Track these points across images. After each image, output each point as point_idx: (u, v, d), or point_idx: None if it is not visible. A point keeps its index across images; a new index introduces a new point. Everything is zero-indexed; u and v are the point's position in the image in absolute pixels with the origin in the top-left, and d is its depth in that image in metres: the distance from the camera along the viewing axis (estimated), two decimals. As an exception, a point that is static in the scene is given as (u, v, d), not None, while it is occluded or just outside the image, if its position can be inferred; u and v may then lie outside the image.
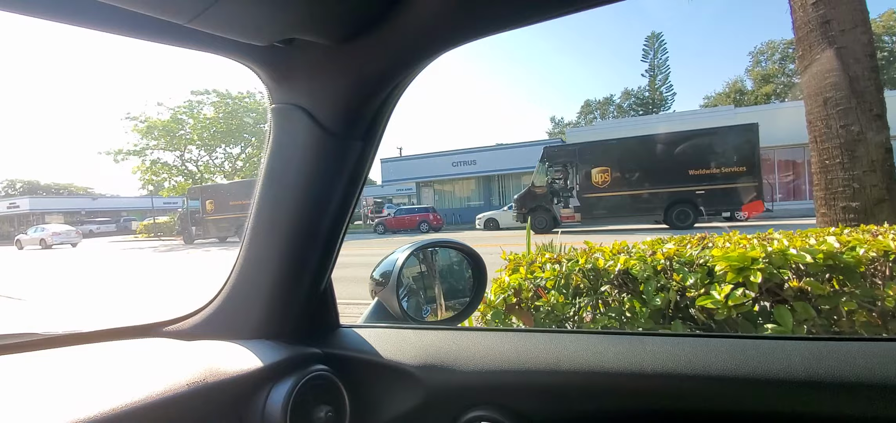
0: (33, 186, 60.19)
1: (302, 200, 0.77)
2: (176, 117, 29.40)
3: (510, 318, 2.19)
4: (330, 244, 0.83)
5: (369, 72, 0.68)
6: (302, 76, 0.71)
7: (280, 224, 0.79)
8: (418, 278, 1.34)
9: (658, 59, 42.70)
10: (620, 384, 0.68)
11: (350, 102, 0.71)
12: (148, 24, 0.56)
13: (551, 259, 2.24)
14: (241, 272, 0.84)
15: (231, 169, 32.01)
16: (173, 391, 0.62)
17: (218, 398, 0.66)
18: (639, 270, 1.81)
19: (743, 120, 22.27)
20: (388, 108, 0.75)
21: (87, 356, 0.76)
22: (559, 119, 59.57)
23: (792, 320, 1.56)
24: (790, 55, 41.31)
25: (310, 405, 0.72)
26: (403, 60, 0.68)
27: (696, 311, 1.75)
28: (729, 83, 47.06)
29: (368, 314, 1.05)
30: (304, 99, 0.72)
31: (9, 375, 0.67)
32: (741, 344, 0.66)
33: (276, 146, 0.77)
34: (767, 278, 1.58)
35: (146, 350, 0.79)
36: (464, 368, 0.77)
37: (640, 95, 46.60)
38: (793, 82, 40.81)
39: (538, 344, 0.76)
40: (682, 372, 0.65)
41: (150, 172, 31.06)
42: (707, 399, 0.64)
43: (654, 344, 0.70)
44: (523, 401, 0.74)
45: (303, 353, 0.79)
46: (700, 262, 1.72)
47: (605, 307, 2.01)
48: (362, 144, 0.77)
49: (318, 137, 0.73)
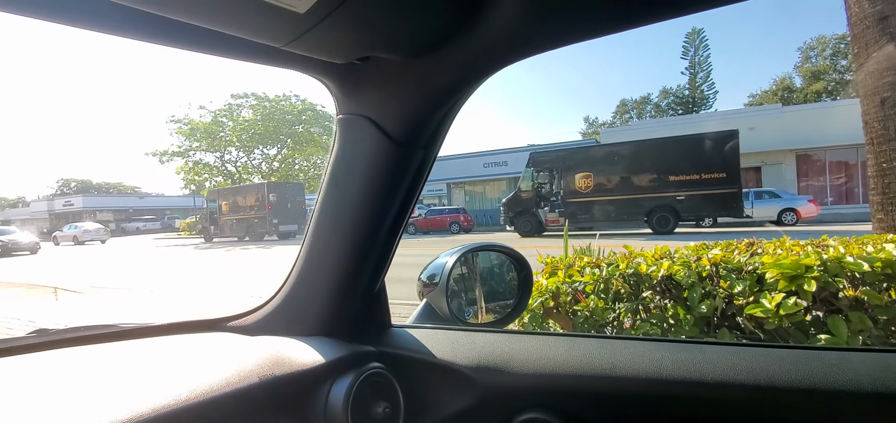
0: (86, 185, 63.88)
1: (364, 204, 0.80)
2: (216, 120, 30.61)
3: (548, 322, 2.19)
4: (387, 247, 0.87)
5: (437, 85, 0.71)
6: (371, 89, 0.74)
7: (342, 227, 0.83)
8: (459, 280, 1.37)
9: (699, 56, 41.13)
10: (680, 392, 0.68)
11: (416, 113, 0.75)
12: (245, 47, 0.61)
13: (590, 263, 2.22)
14: (302, 272, 0.89)
15: (268, 169, 33.02)
16: (246, 382, 0.67)
17: (285, 391, 0.70)
18: (683, 275, 1.77)
19: (791, 119, 21.42)
20: (450, 117, 0.78)
21: (162, 348, 0.82)
22: (593, 119, 58.35)
23: (847, 331, 1.50)
24: (842, 51, 39.04)
25: (368, 401, 0.76)
26: (471, 73, 0.70)
27: (743, 319, 1.70)
28: (776, 80, 44.90)
29: (417, 315, 1.09)
30: (371, 110, 0.75)
31: (91, 364, 0.73)
32: (804, 355, 0.65)
33: (340, 153, 0.81)
34: (822, 286, 1.52)
35: (215, 344, 0.84)
36: (517, 370, 0.78)
37: (680, 94, 45.00)
38: (845, 79, 38.53)
39: (593, 349, 0.77)
40: (743, 382, 0.65)
41: (193, 173, 32.43)
42: (769, 411, 0.64)
43: (714, 353, 0.70)
44: (578, 405, 0.75)
45: (360, 351, 0.83)
46: (749, 269, 1.67)
47: (646, 313, 1.98)
48: (424, 152, 0.80)
49: (384, 146, 0.76)
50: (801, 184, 21.65)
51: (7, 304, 7.44)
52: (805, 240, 1.93)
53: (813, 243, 1.83)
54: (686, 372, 0.69)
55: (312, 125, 30.30)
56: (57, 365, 0.72)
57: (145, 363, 0.74)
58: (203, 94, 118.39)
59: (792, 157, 21.70)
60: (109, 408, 0.54)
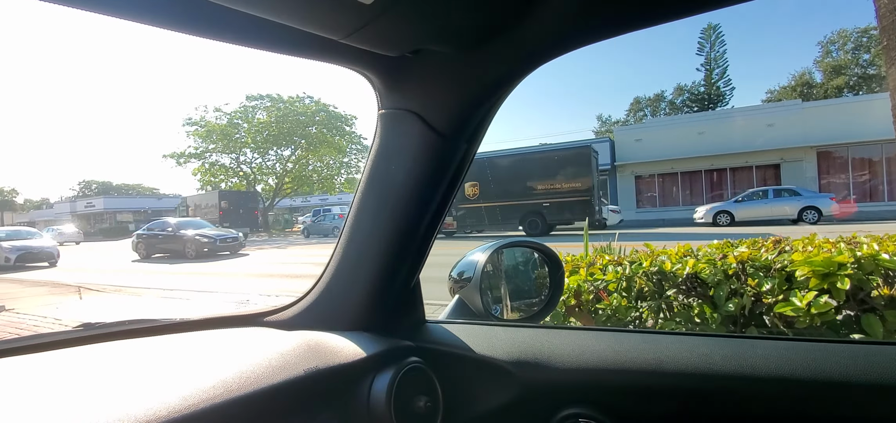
0: (107, 187, 65.29)
1: (405, 199, 0.80)
2: (232, 122, 31.01)
3: (569, 320, 2.18)
4: (425, 241, 0.87)
5: (485, 78, 0.71)
6: (417, 82, 0.74)
7: (382, 223, 0.83)
8: (484, 278, 1.37)
9: (715, 52, 40.40)
10: (733, 387, 0.67)
11: (462, 105, 0.74)
12: (301, 40, 0.61)
13: (612, 261, 2.20)
14: (339, 268, 0.89)
15: (282, 170, 33.34)
16: (290, 376, 0.67)
17: (328, 383, 0.71)
18: (709, 274, 1.75)
19: (811, 115, 20.98)
20: (494, 110, 0.78)
21: (204, 342, 0.83)
22: (607, 117, 57.71)
23: (882, 330, 1.46)
24: (864, 45, 38.02)
25: (409, 395, 0.76)
26: (519, 66, 0.70)
27: (771, 318, 1.67)
28: (795, 76, 43.88)
29: (450, 311, 1.09)
30: (415, 103, 0.75)
31: (138, 357, 0.75)
32: (864, 350, 0.63)
33: (382, 149, 0.80)
34: (856, 284, 1.49)
35: (256, 338, 0.85)
36: (559, 365, 0.78)
37: (695, 91, 44.24)
38: (868, 74, 37.52)
39: (637, 344, 0.76)
40: (800, 377, 0.63)
41: (209, 174, 32.90)
42: (830, 405, 0.62)
43: (766, 348, 0.68)
44: (623, 401, 0.74)
45: (399, 345, 0.83)
46: (778, 266, 1.64)
47: (669, 312, 1.95)
48: (467, 145, 0.79)
49: (428, 139, 0.76)
50: (823, 181, 21.16)
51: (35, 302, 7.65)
52: (834, 238, 1.89)
53: (844, 240, 1.79)
54: (737, 367, 0.67)
55: (325, 126, 30.54)
56: (104, 358, 0.74)
57: (188, 357, 0.75)
58: (219, 96, 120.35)
59: (813, 154, 21.22)
60: (162, 399, 0.56)
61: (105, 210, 46.06)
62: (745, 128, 22.02)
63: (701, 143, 22.82)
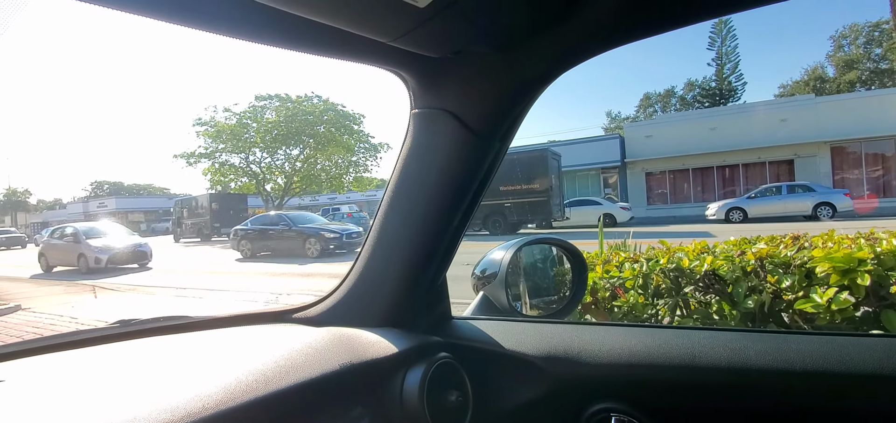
0: (118, 187, 66.09)
1: (437, 197, 0.81)
2: (241, 122, 31.18)
3: (585, 317, 2.18)
4: (454, 239, 0.88)
5: (522, 77, 0.71)
6: (454, 82, 0.74)
7: (413, 221, 0.84)
8: (508, 275, 1.38)
9: (726, 47, 39.86)
10: (767, 382, 0.67)
11: (497, 104, 0.75)
12: (348, 42, 0.61)
13: (628, 258, 2.20)
14: (368, 265, 0.91)
15: (291, 169, 33.48)
16: (323, 371, 0.69)
17: (363, 378, 0.73)
18: (727, 270, 1.75)
19: (824, 110, 20.70)
20: (528, 108, 0.78)
21: (237, 338, 0.85)
22: (616, 114, 57.24)
23: (903, 327, 1.46)
24: (876, 39, 37.34)
25: (440, 390, 0.78)
26: (555, 65, 0.70)
27: (790, 315, 1.67)
28: (808, 70, 43.22)
29: (475, 308, 1.11)
30: (452, 103, 0.76)
31: (174, 352, 0.77)
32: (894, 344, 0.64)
33: (415, 148, 0.81)
34: (876, 280, 1.48)
35: (288, 334, 0.87)
36: (590, 360, 0.79)
37: (706, 86, 43.70)
38: (880, 68, 36.87)
39: (668, 339, 0.77)
40: (835, 371, 0.64)
41: (219, 174, 33.12)
42: (864, 399, 0.63)
43: (800, 343, 0.69)
44: (656, 396, 0.75)
45: (429, 341, 0.85)
46: (797, 263, 1.64)
47: (686, 309, 1.95)
48: (500, 143, 0.80)
49: (463, 138, 0.76)
50: (837, 177, 20.86)
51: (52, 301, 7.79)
52: (852, 234, 1.88)
53: (863, 235, 1.78)
54: (772, 361, 0.68)
55: (334, 125, 30.59)
56: (141, 355, 0.77)
57: (222, 353, 0.77)
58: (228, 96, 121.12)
59: (826, 149, 20.93)
60: (203, 392, 0.57)
61: (117, 210, 46.67)
62: (757, 123, 21.76)
63: (712, 139, 22.59)
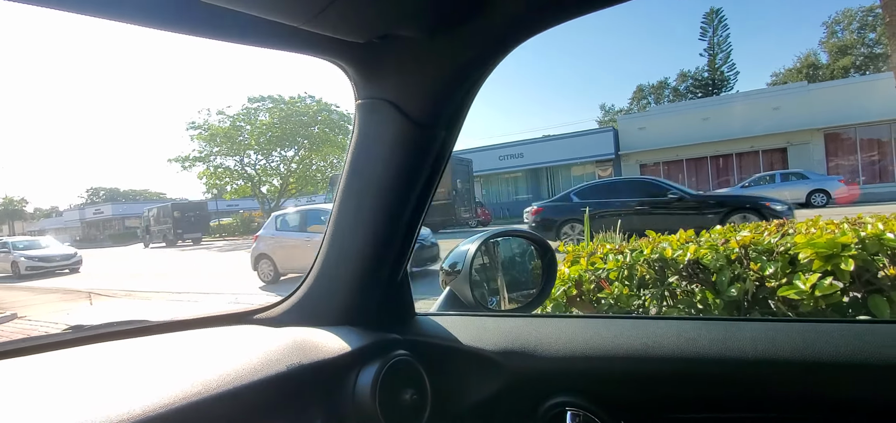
0: (114, 194, 65.85)
1: (386, 191, 0.79)
2: (235, 124, 31.11)
3: (571, 310, 2.16)
4: (409, 234, 0.86)
5: (459, 60, 0.69)
6: (391, 70, 0.72)
7: (364, 216, 0.82)
8: (481, 270, 1.35)
9: (718, 37, 39.88)
10: (717, 371, 0.65)
11: (437, 92, 0.73)
12: (261, 28, 0.58)
13: (613, 250, 2.18)
14: (325, 262, 0.88)
15: (286, 171, 33.44)
16: (274, 370, 0.67)
17: (312, 379, 0.71)
18: (711, 259, 1.72)
19: (818, 97, 20.81)
20: (472, 95, 0.76)
21: (191, 341, 0.83)
22: (610, 106, 57.27)
23: (889, 311, 1.43)
24: (870, 24, 37.47)
25: (395, 388, 0.75)
26: (494, 47, 0.68)
27: (775, 302, 1.65)
28: (800, 57, 43.32)
29: (441, 303, 1.08)
30: (391, 92, 0.73)
31: (124, 358, 0.74)
32: (855, 329, 0.62)
33: (361, 140, 0.79)
34: (860, 265, 1.46)
35: (243, 336, 0.84)
36: (546, 354, 0.77)
37: (699, 76, 43.73)
38: (874, 53, 36.99)
39: (623, 331, 0.75)
40: (787, 358, 0.62)
41: (214, 177, 33.06)
42: (818, 386, 0.61)
43: (754, 330, 0.67)
44: (610, 388, 0.73)
45: (385, 339, 0.82)
46: (780, 249, 1.62)
47: (672, 299, 1.93)
48: (445, 133, 0.78)
49: (405, 129, 0.74)
50: (831, 164, 20.92)
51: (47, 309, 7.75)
52: (838, 219, 1.85)
53: (849, 220, 1.75)
54: (724, 350, 0.66)
55: (328, 126, 30.63)
56: (92, 360, 0.74)
57: (176, 355, 0.75)
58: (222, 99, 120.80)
59: (820, 136, 20.98)
60: (140, 398, 0.55)
61: (113, 216, 46.55)
62: (750, 112, 21.80)
63: (706, 129, 22.62)
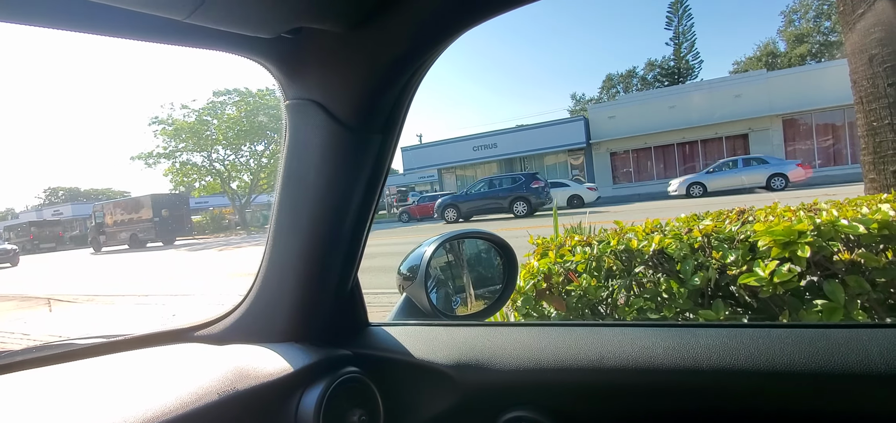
0: (74, 193, 62.86)
1: (322, 199, 0.74)
2: (201, 119, 30.09)
3: (541, 304, 2.15)
4: (354, 243, 0.81)
5: (385, 58, 0.64)
6: (314, 68, 0.66)
7: (301, 225, 0.76)
8: (446, 269, 1.31)
9: (683, 26, 40.89)
10: (673, 381, 0.63)
11: (366, 92, 0.67)
12: (146, 22, 0.53)
13: (581, 242, 2.17)
14: (267, 275, 0.82)
15: (256, 166, 32.61)
16: (204, 401, 0.61)
17: (249, 405, 0.65)
18: (675, 248, 1.73)
19: (776, 84, 21.64)
20: (406, 96, 0.71)
21: (120, 365, 0.76)
22: (580, 96, 58.00)
23: (844, 295, 1.47)
24: (825, 12, 39.08)
25: (343, 408, 0.70)
26: (422, 42, 0.63)
27: (738, 289, 1.67)
28: (760, 46, 44.85)
29: (397, 311, 1.03)
30: (317, 92, 0.68)
31: (45, 387, 0.67)
32: (809, 334, 0.59)
33: (292, 144, 0.73)
34: (816, 251, 1.49)
35: (178, 357, 0.78)
36: (500, 366, 0.73)
37: (665, 65, 44.80)
38: (829, 41, 38.65)
39: (578, 339, 0.72)
40: (742, 367, 0.59)
41: (181, 174, 31.97)
42: (771, 398, 0.58)
43: (709, 336, 0.64)
44: (565, 400, 0.70)
45: (333, 355, 0.77)
46: (741, 237, 1.64)
47: (639, 289, 1.94)
48: (382, 137, 0.72)
49: (335, 133, 0.69)
50: (789, 148, 21.82)
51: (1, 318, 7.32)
52: (795, 206, 1.90)
53: (805, 207, 1.79)
54: (678, 359, 0.63)
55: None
56: (2, 392, 0.66)
57: (102, 383, 0.68)
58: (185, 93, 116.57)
59: (779, 122, 21.83)
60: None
61: (74, 217, 44.37)
62: (713, 100, 22.49)
63: (672, 117, 23.21)
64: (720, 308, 1.67)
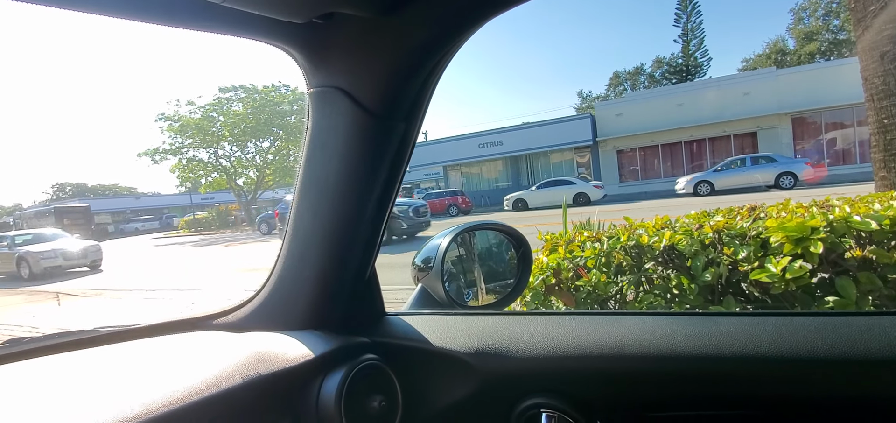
0: (82, 189, 63.37)
1: (344, 186, 0.74)
2: (207, 115, 30.19)
3: (550, 299, 2.16)
4: (374, 231, 0.81)
5: (413, 44, 0.64)
6: (341, 55, 0.67)
7: (322, 213, 0.77)
8: (458, 263, 1.32)
9: (692, 23, 40.50)
10: (695, 368, 0.63)
11: (392, 79, 0.67)
12: (182, 6, 0.53)
13: (591, 237, 2.18)
14: (286, 263, 0.83)
15: (262, 162, 32.72)
16: (228, 383, 0.62)
17: (272, 389, 0.66)
18: (685, 245, 1.74)
19: (785, 82, 21.41)
20: (431, 84, 0.71)
21: (144, 351, 0.77)
22: (587, 93, 57.70)
23: (856, 292, 1.46)
24: (834, 10, 38.65)
25: (362, 394, 0.72)
26: (449, 29, 0.63)
27: (748, 285, 1.67)
28: (769, 43, 44.42)
29: (413, 301, 1.04)
30: (343, 80, 0.68)
31: (69, 372, 0.69)
32: (831, 322, 0.60)
33: (315, 132, 0.73)
34: (828, 248, 1.49)
35: (199, 344, 0.79)
36: (519, 354, 0.74)
37: (674, 63, 44.43)
38: (838, 39, 38.22)
39: (600, 327, 0.73)
40: (765, 354, 0.60)
41: (187, 170, 32.13)
42: (796, 383, 0.59)
43: (731, 324, 0.65)
44: (586, 387, 0.71)
45: (352, 342, 0.78)
46: (752, 234, 1.64)
47: (649, 285, 1.94)
48: (405, 124, 0.73)
49: (360, 120, 0.69)
50: (798, 147, 21.61)
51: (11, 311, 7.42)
52: (807, 203, 1.89)
53: (817, 203, 1.79)
54: (701, 346, 0.64)
55: (304, 115, 30.08)
56: (31, 376, 0.68)
57: (125, 369, 0.69)
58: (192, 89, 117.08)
59: (787, 120, 21.62)
60: (86, 419, 0.51)
61: (80, 213, 44.77)
62: (722, 97, 22.30)
63: (680, 114, 23.05)
64: (731, 305, 1.68)
